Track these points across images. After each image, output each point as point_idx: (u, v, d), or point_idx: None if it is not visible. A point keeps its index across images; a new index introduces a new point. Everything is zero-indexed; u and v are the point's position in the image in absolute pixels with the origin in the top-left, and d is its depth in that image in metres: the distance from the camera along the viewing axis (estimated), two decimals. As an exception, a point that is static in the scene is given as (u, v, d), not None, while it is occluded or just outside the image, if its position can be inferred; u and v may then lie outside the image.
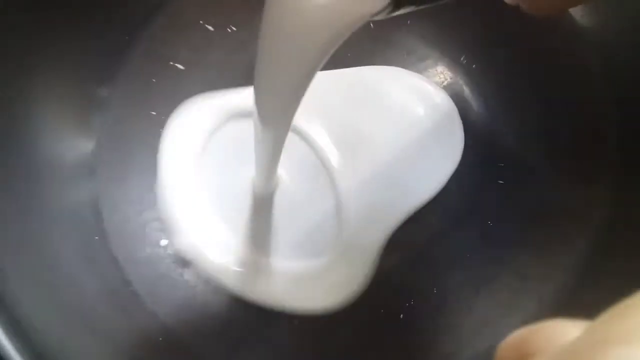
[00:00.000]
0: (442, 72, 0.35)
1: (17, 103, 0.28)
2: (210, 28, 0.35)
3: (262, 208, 0.32)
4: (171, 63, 0.34)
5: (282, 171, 0.32)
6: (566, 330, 0.12)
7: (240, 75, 0.34)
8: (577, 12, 0.34)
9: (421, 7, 0.18)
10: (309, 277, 0.30)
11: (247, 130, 0.26)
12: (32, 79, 0.29)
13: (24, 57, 0.29)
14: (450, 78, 0.35)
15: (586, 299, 0.28)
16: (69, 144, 0.31)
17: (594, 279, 0.29)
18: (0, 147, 0.27)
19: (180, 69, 0.34)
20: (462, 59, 0.35)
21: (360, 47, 0.34)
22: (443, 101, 0.34)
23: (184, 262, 0.31)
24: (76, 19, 0.31)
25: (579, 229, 0.31)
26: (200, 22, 0.36)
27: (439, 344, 0.30)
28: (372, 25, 0.33)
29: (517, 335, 0.13)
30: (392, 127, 0.33)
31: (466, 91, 0.34)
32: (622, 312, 0.10)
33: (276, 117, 0.22)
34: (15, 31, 0.28)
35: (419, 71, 0.35)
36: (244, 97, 0.33)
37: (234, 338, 0.30)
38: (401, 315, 0.30)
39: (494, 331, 0.29)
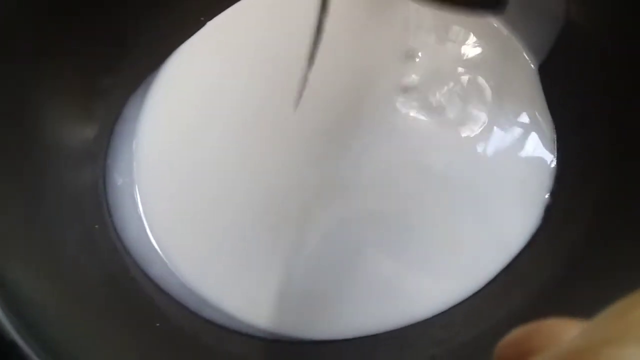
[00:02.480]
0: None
1: (22, 91, 0.29)
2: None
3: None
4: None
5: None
6: (565, 329, 0.12)
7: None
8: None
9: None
10: None
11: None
12: (38, 68, 0.30)
13: (30, 48, 0.29)
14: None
15: (572, 292, 0.28)
16: (71, 131, 0.32)
17: (581, 273, 0.29)
18: (5, 133, 0.28)
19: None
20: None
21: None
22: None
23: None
24: (81, 11, 0.32)
25: (567, 223, 0.31)
26: (202, 19, 0.37)
27: (429, 333, 0.30)
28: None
29: (516, 334, 0.13)
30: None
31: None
32: (619, 311, 0.10)
33: None
34: (22, 23, 0.29)
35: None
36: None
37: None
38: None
39: (483, 321, 0.29)
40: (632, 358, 0.09)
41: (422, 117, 0.34)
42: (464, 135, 0.33)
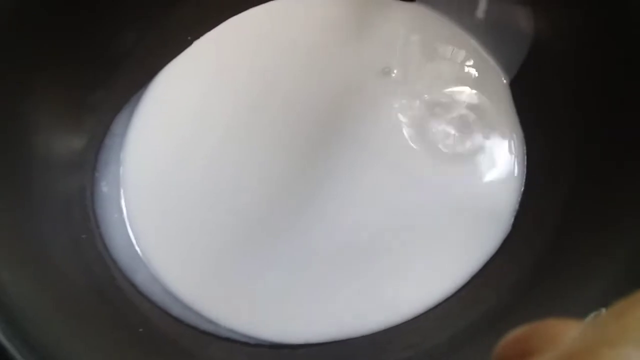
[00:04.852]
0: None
1: (13, 100, 0.30)
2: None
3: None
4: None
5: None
6: (564, 330, 0.12)
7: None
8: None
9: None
10: None
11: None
12: (30, 80, 0.31)
13: (22, 61, 0.31)
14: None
15: (540, 295, 0.30)
16: (61, 142, 0.33)
17: (548, 277, 0.30)
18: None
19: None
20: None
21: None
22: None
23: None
24: (72, 28, 0.33)
25: (535, 231, 0.32)
26: (188, 38, 0.38)
27: (401, 336, 0.31)
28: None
29: (516, 334, 0.13)
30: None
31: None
32: (617, 312, 0.11)
33: None
34: (16, 37, 0.30)
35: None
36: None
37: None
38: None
39: (455, 323, 0.31)
40: (630, 358, 0.09)
41: (395, 131, 0.35)
42: (437, 147, 0.35)
